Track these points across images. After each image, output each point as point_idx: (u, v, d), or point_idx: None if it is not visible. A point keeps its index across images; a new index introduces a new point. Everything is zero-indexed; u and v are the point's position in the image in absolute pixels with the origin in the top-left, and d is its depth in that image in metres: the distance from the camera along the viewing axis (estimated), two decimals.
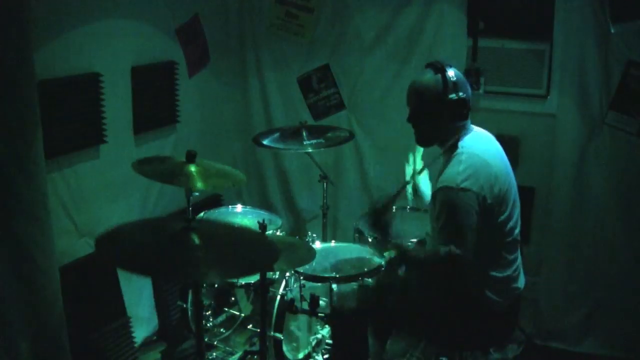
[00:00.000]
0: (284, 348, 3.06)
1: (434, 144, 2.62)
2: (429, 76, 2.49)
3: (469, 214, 2.36)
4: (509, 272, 2.53)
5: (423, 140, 2.62)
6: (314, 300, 2.91)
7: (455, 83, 2.45)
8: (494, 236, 2.46)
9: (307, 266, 2.96)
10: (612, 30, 3.38)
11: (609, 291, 3.61)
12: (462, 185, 2.36)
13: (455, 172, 2.41)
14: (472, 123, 2.60)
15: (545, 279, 3.72)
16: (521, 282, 2.62)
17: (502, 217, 2.45)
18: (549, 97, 3.66)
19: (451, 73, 2.47)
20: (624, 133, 3.46)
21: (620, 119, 3.45)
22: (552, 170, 3.68)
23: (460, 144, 2.49)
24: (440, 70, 2.46)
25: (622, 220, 3.54)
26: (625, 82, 3.40)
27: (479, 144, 2.51)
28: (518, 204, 2.57)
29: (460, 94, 2.45)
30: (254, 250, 2.21)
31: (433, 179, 2.70)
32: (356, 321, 2.71)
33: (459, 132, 2.51)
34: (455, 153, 2.47)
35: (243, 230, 2.41)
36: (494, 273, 2.49)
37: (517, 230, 2.55)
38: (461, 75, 2.51)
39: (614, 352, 3.64)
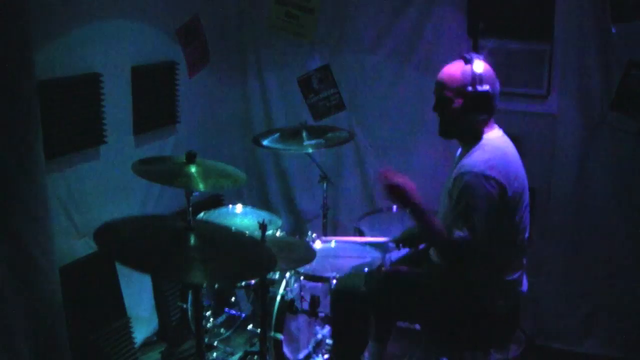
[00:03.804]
0: (284, 348, 3.06)
1: (454, 136, 2.63)
2: (456, 66, 2.52)
3: (489, 201, 2.36)
4: (515, 275, 2.53)
5: (445, 131, 2.62)
6: (314, 300, 2.91)
7: (481, 76, 2.47)
8: (508, 237, 2.47)
9: (307, 266, 2.96)
10: (613, 30, 3.38)
11: (609, 291, 3.61)
12: (487, 173, 2.37)
13: (481, 159, 2.43)
14: None
15: (546, 279, 3.72)
16: (525, 286, 2.63)
17: (516, 217, 2.46)
18: (549, 97, 3.66)
19: (479, 66, 2.48)
20: (624, 133, 3.45)
21: (621, 119, 3.45)
22: (552, 170, 3.68)
23: (485, 136, 2.52)
24: (470, 61, 2.49)
25: (622, 220, 3.54)
26: (625, 82, 3.40)
27: (501, 140, 2.55)
28: (528, 208, 2.58)
29: (485, 87, 2.46)
30: (251, 256, 2.21)
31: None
32: (359, 304, 2.68)
33: (481, 126, 2.52)
34: (480, 144, 2.49)
35: (241, 236, 2.41)
36: (507, 278, 2.50)
37: (527, 234, 2.55)
38: (491, 70, 2.53)
39: (614, 352, 3.64)
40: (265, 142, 3.54)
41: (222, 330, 3.33)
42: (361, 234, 3.41)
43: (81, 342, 3.07)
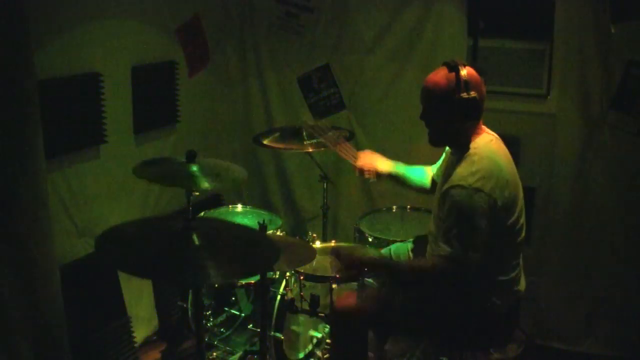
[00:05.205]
0: (284, 348, 3.06)
1: (445, 144, 2.62)
2: (441, 73, 2.48)
3: (480, 215, 2.34)
4: (512, 275, 2.53)
5: (434, 139, 2.60)
6: (314, 300, 2.91)
7: (467, 82, 2.42)
8: (502, 240, 2.45)
9: (307, 266, 2.96)
10: (612, 30, 3.38)
11: (609, 291, 3.61)
12: (475, 186, 2.35)
13: (469, 172, 2.39)
14: None
15: (546, 279, 3.72)
16: (522, 285, 2.63)
17: (510, 221, 2.44)
18: (549, 97, 3.66)
19: (464, 72, 2.44)
20: (624, 133, 3.45)
21: (621, 118, 3.45)
22: (552, 170, 3.68)
23: (472, 145, 2.48)
24: (454, 68, 2.45)
25: (622, 220, 3.54)
26: (625, 82, 3.40)
27: (490, 147, 2.50)
28: (524, 208, 2.57)
29: (472, 93, 2.43)
30: (254, 250, 2.21)
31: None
32: (356, 320, 2.69)
33: (469, 131, 2.51)
34: (467, 154, 2.46)
35: (243, 230, 2.41)
36: (500, 277, 2.49)
37: (522, 235, 2.55)
38: (476, 75, 2.48)
39: (614, 352, 3.64)
40: (265, 142, 3.54)
41: (222, 329, 3.33)
42: (361, 233, 3.41)
43: (81, 342, 3.07)
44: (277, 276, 3.14)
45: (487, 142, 2.51)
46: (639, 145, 3.42)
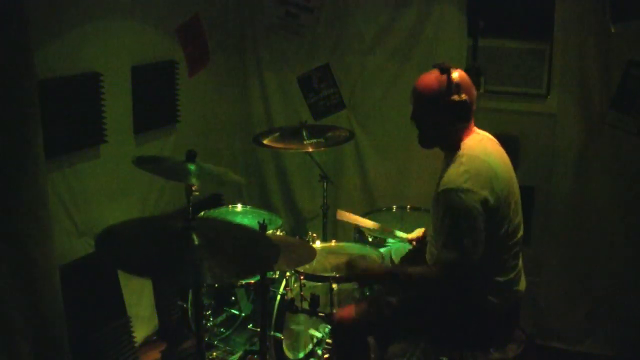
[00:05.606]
0: (284, 348, 3.06)
1: (435, 145, 2.61)
2: (433, 76, 2.48)
3: (473, 216, 2.34)
4: (511, 275, 2.52)
5: (424, 140, 2.60)
6: (314, 299, 2.91)
7: (458, 85, 2.43)
8: (497, 240, 2.45)
9: (307, 266, 2.96)
10: (613, 30, 3.38)
11: (609, 291, 3.61)
12: (465, 187, 2.35)
13: (457, 173, 2.39)
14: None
15: (546, 279, 3.72)
16: (522, 284, 2.62)
17: (505, 221, 2.44)
18: (549, 96, 3.66)
19: (456, 74, 2.45)
20: (624, 133, 3.46)
21: (621, 118, 3.45)
22: (552, 170, 3.68)
23: (462, 145, 2.48)
24: (446, 71, 2.45)
25: (622, 220, 3.54)
26: (625, 82, 3.40)
27: (481, 146, 2.50)
28: (520, 207, 2.56)
29: (463, 95, 2.44)
30: (254, 249, 2.21)
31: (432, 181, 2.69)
32: (356, 330, 2.70)
33: (460, 133, 2.51)
34: (457, 155, 2.46)
35: (243, 230, 2.41)
36: (497, 278, 2.49)
37: (519, 234, 2.54)
38: (467, 78, 2.49)
39: (614, 352, 3.64)
40: (265, 142, 3.54)
41: (222, 329, 3.33)
42: (361, 233, 3.41)
43: (81, 342, 3.07)
44: (277, 276, 3.14)
45: (477, 141, 2.51)
46: (639, 145, 3.42)
